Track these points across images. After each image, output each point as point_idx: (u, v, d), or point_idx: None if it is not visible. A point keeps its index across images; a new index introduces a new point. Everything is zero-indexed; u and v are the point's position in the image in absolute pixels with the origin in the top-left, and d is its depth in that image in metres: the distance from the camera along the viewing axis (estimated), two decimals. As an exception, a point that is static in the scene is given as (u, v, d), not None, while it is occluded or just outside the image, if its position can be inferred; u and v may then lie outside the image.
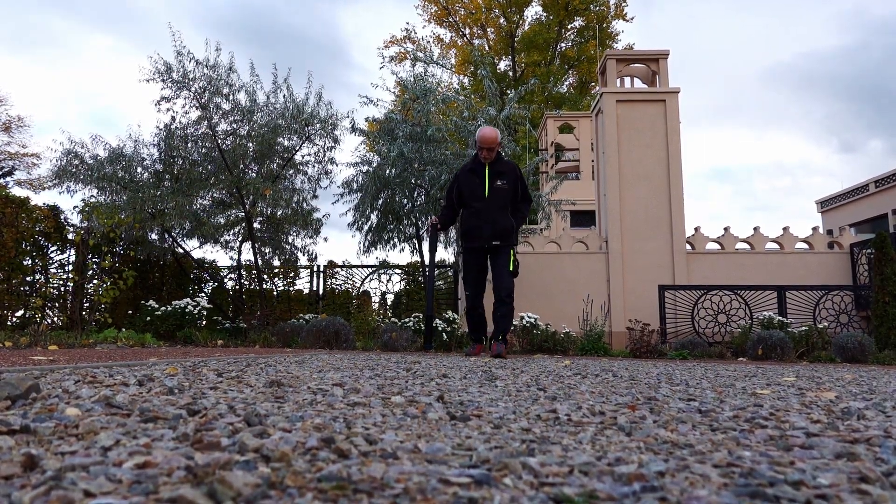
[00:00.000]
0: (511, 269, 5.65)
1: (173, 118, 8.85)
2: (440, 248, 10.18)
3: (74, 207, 8.40)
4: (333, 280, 11.05)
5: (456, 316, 8.97)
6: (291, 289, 11.10)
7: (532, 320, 8.27)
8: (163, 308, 8.13)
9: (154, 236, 9.40)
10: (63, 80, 60.66)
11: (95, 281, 8.47)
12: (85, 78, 66.67)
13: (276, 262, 10.38)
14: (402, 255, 36.98)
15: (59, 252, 8.24)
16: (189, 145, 9.12)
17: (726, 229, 10.48)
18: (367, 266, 11.00)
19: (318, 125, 9.32)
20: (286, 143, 9.40)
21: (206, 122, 8.80)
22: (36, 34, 56.18)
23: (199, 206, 9.19)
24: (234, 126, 9.07)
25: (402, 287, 11.07)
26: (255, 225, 9.71)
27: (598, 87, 13.61)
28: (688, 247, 10.42)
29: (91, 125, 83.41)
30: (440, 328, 8.34)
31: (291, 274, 11.00)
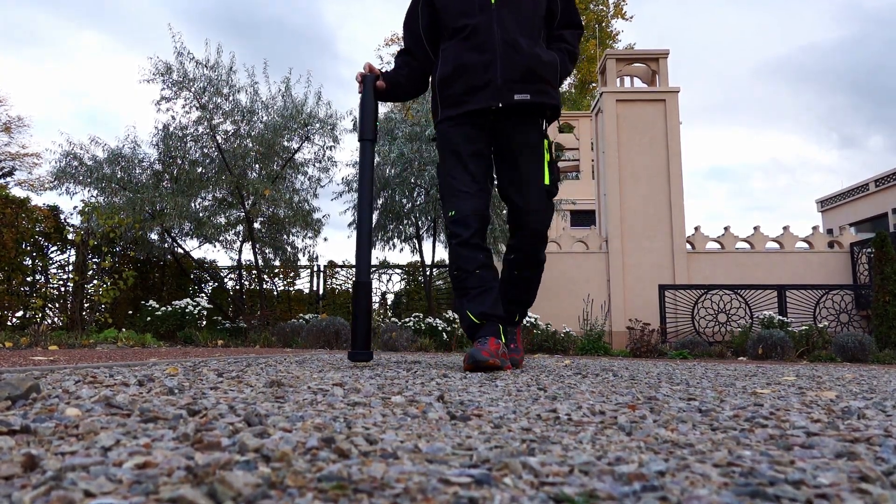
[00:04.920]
0: (546, 180, 2.87)
1: (173, 118, 8.86)
2: (440, 247, 10.19)
3: (74, 208, 8.41)
4: (333, 280, 11.06)
5: (457, 315, 8.96)
6: (291, 289, 11.10)
7: (532, 320, 8.26)
8: (163, 308, 8.13)
9: (154, 236, 9.41)
10: (50, 79, 59.50)
11: (95, 281, 8.47)
12: (72, 76, 65.33)
13: (277, 262, 10.38)
14: (402, 255, 36.99)
15: (59, 252, 8.24)
16: (189, 145, 9.12)
17: (726, 229, 10.48)
18: (368, 266, 11.00)
19: (317, 125, 9.32)
20: (286, 143, 9.40)
21: (206, 123, 8.80)
22: (20, 31, 55.15)
23: (198, 206, 9.19)
24: (235, 126, 9.07)
25: (402, 287, 11.07)
26: (255, 225, 9.71)
27: (597, 87, 13.60)
28: (688, 246, 10.43)
29: (80, 124, 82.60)
30: (439, 328, 8.33)
31: (291, 274, 11.01)
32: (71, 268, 8.26)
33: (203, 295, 10.35)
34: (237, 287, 10.42)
